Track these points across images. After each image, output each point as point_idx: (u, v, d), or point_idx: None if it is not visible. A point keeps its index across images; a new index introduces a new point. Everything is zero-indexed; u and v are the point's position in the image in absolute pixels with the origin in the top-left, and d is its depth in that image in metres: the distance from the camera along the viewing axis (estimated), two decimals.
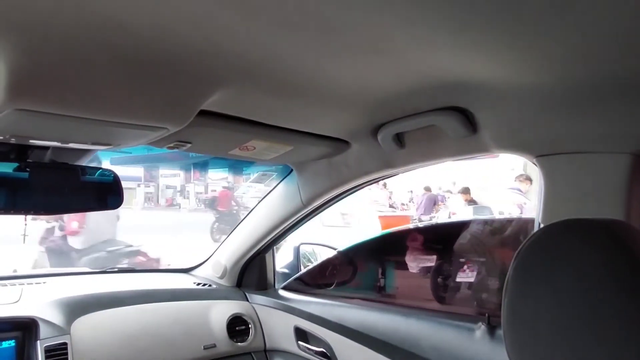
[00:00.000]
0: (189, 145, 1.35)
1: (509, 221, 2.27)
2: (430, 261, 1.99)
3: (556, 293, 0.66)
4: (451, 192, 13.41)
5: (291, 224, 2.05)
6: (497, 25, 0.74)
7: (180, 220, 15.31)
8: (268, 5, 0.70)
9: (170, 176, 20.10)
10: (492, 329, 1.42)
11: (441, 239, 2.08)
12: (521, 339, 0.70)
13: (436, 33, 0.78)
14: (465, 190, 10.56)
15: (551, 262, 0.69)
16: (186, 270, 2.47)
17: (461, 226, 2.12)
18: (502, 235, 1.98)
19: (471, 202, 10.26)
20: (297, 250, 2.45)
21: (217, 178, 18.36)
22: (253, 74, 0.99)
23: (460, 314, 1.68)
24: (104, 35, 0.78)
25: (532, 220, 1.44)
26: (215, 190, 18.68)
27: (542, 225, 1.12)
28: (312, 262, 2.45)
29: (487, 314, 1.45)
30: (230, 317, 2.08)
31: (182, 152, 1.39)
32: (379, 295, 2.09)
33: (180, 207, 18.72)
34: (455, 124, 1.20)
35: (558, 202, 1.15)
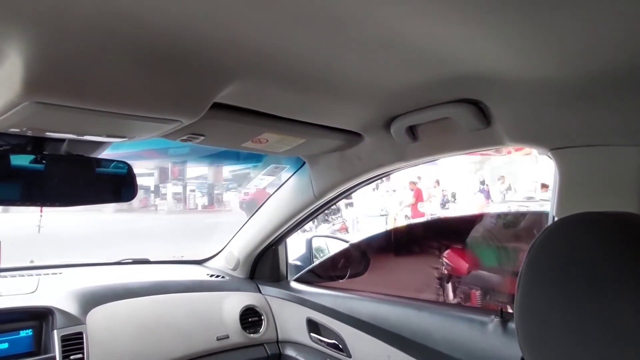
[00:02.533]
0: (203, 137, 1.35)
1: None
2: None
3: (569, 287, 0.66)
4: (514, 190, 12.19)
5: (304, 217, 2.06)
6: (512, 17, 0.74)
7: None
8: None
9: (144, 175, 17.61)
10: (504, 322, 1.41)
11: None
12: (533, 333, 0.69)
13: (451, 25, 0.78)
14: None
15: (565, 255, 0.68)
16: (199, 262, 2.49)
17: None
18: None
19: None
20: (309, 243, 2.46)
21: (194, 176, 17.60)
22: (266, 66, 0.99)
23: (473, 307, 1.67)
24: (119, 29, 0.79)
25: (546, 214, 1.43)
26: (194, 191, 17.95)
27: (556, 219, 1.11)
28: (318, 257, 2.45)
29: (500, 308, 1.44)
30: (243, 308, 2.09)
31: (158, 150, 1.39)
32: (390, 287, 2.09)
33: (157, 209, 17.36)
34: (469, 116, 1.19)
35: (572, 195, 1.14)
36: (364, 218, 11.04)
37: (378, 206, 11.33)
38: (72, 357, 1.58)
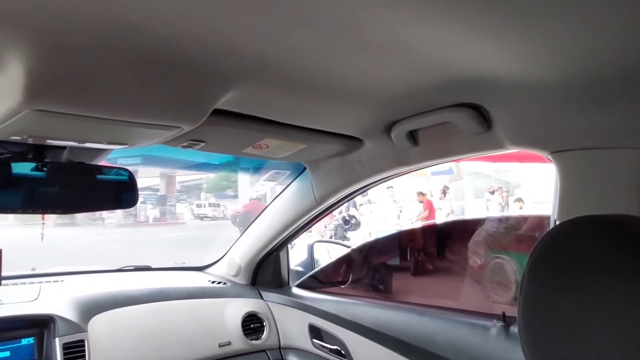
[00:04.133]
0: (203, 144, 1.35)
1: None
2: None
3: (572, 290, 0.65)
4: (522, 202, 10.83)
5: (305, 222, 2.05)
6: (512, 21, 0.74)
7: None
8: (280, 3, 0.70)
9: None
10: (507, 326, 1.41)
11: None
12: (536, 337, 0.69)
13: (450, 29, 0.78)
14: None
15: (566, 259, 0.68)
16: (201, 269, 2.49)
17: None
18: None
19: None
20: (311, 248, 2.45)
21: (144, 186, 16.65)
22: (266, 72, 0.99)
23: (475, 311, 1.67)
24: (119, 37, 0.79)
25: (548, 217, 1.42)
26: (144, 202, 17.29)
27: (557, 222, 1.11)
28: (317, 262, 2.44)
29: (502, 312, 1.44)
30: (245, 314, 2.09)
31: (107, 159, 1.39)
32: (393, 292, 2.09)
33: (104, 222, 16.33)
34: (470, 120, 1.19)
35: (573, 198, 1.14)
36: (376, 233, 10.93)
37: (392, 220, 11.13)
38: None
